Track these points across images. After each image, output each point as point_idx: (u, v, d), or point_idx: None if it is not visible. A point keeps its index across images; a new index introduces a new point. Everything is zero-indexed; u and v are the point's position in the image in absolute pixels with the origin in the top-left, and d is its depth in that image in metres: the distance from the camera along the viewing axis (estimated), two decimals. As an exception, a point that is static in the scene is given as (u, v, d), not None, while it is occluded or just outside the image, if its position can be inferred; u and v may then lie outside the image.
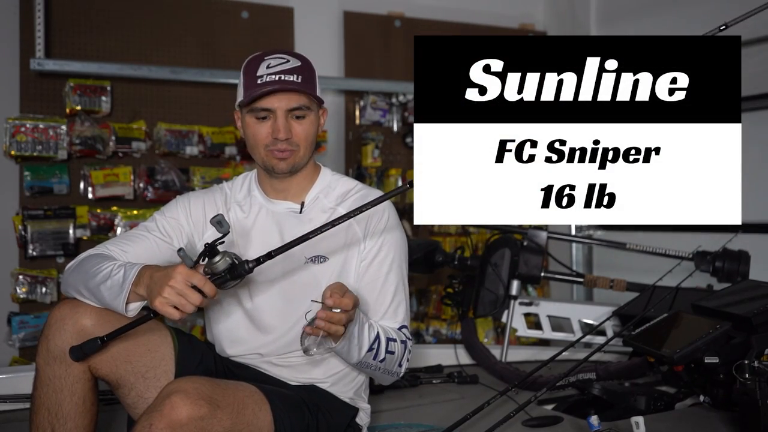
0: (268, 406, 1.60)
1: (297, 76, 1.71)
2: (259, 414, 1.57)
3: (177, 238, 1.79)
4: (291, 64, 1.72)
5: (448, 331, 3.90)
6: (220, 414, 1.47)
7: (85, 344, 1.52)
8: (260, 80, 1.69)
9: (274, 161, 1.74)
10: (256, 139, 1.74)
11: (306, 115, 1.74)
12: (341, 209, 1.79)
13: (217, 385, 1.53)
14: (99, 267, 1.61)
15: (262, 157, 1.75)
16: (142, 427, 1.41)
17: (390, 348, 1.71)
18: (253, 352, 1.80)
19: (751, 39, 3.31)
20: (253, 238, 1.79)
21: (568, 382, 2.46)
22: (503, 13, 4.30)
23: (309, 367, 1.80)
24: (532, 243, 2.87)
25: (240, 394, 1.56)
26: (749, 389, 1.84)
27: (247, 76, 1.73)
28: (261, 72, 1.70)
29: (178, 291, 1.46)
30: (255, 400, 1.58)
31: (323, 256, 1.77)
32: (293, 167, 1.76)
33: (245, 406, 1.55)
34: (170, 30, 3.46)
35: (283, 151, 1.72)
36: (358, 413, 1.84)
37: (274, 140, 1.71)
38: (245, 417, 1.53)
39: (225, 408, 1.49)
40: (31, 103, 3.20)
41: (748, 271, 2.75)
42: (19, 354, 3.14)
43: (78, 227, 3.21)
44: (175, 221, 1.80)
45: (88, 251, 1.72)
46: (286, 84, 1.69)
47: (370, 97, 3.79)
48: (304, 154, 1.76)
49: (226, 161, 3.52)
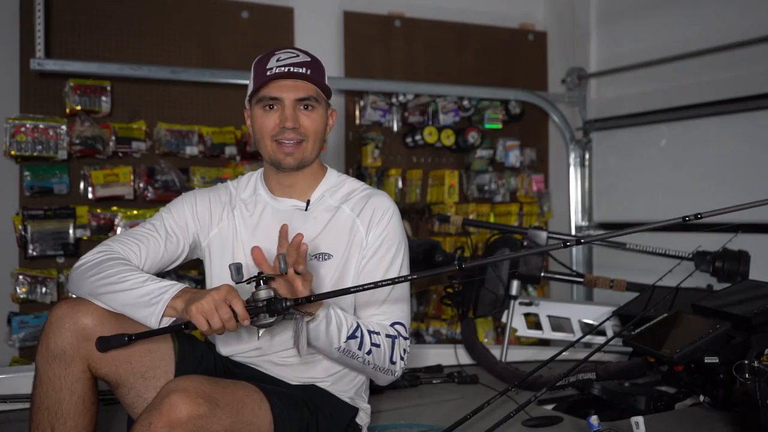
0: (267, 404, 1.60)
1: (306, 69, 1.72)
2: (259, 413, 1.58)
3: (183, 236, 1.79)
4: (301, 58, 1.74)
5: (448, 331, 3.90)
6: (219, 413, 1.47)
7: (112, 337, 1.54)
8: (269, 72, 1.71)
9: (280, 155, 1.74)
10: (263, 131, 1.74)
11: (314, 107, 1.75)
12: (345, 207, 1.80)
13: (216, 384, 1.53)
14: (122, 275, 1.61)
15: (269, 151, 1.75)
16: (142, 426, 1.41)
17: (374, 340, 1.69)
18: (254, 348, 1.79)
19: (751, 39, 3.31)
20: (258, 235, 1.79)
21: (568, 382, 2.46)
22: (503, 13, 4.30)
23: (309, 366, 1.80)
24: (532, 243, 2.87)
25: (239, 393, 1.56)
26: (749, 389, 1.84)
27: (256, 70, 1.75)
28: (270, 65, 1.72)
29: (216, 303, 1.48)
30: (254, 399, 1.58)
31: (327, 253, 1.78)
32: (301, 162, 1.76)
33: (244, 405, 1.55)
34: (170, 30, 3.46)
35: (291, 142, 1.72)
36: (358, 413, 1.84)
37: (281, 129, 1.72)
38: (244, 416, 1.53)
39: (224, 407, 1.49)
40: (31, 103, 3.20)
41: (748, 271, 2.75)
42: (19, 354, 3.14)
43: (78, 227, 3.20)
44: (182, 219, 1.81)
45: (99, 252, 1.70)
46: (295, 74, 1.70)
47: (370, 97, 3.79)
48: (312, 149, 1.77)
49: (226, 161, 3.52)
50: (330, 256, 1.78)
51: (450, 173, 3.98)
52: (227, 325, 1.50)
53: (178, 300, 1.56)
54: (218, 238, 1.82)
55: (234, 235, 1.81)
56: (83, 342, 1.57)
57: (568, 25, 4.32)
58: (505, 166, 4.16)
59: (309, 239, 1.76)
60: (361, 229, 1.79)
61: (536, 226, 3.15)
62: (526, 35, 4.35)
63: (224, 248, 1.81)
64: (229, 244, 1.81)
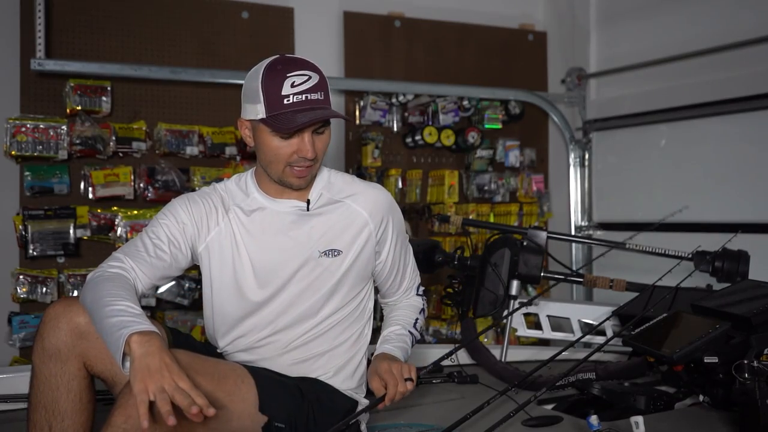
0: (252, 380, 1.64)
1: (321, 93, 1.69)
2: (242, 386, 1.62)
3: (184, 243, 1.78)
4: (313, 81, 1.69)
5: (448, 331, 3.90)
6: (199, 379, 1.50)
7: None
8: (287, 100, 1.66)
9: (293, 179, 1.75)
10: (278, 157, 1.72)
11: (325, 129, 1.75)
12: (348, 201, 1.83)
13: (197, 357, 1.59)
14: (109, 299, 1.53)
15: (279, 173, 1.74)
16: (123, 395, 1.45)
17: (416, 326, 2.07)
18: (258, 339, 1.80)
19: (751, 39, 3.31)
20: (259, 239, 1.79)
21: (568, 382, 2.46)
22: (503, 13, 4.30)
23: (309, 363, 1.81)
24: (531, 243, 2.87)
25: (222, 366, 1.63)
26: (748, 389, 1.84)
27: (269, 91, 1.67)
28: (286, 92, 1.66)
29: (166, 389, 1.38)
30: (237, 374, 1.64)
31: (337, 249, 1.79)
32: (309, 182, 1.79)
33: (226, 377, 1.60)
34: (170, 30, 3.47)
35: (305, 168, 1.73)
36: (357, 406, 1.86)
37: (298, 158, 1.71)
38: (226, 386, 1.58)
39: (204, 375, 1.54)
40: (31, 103, 3.20)
41: (748, 271, 2.75)
42: (19, 354, 3.15)
43: (78, 227, 3.21)
44: (183, 226, 1.78)
45: (109, 267, 1.67)
46: (314, 104, 1.67)
47: (370, 97, 3.79)
48: (319, 166, 1.80)
49: (226, 161, 3.52)
50: (339, 252, 1.80)
51: (450, 173, 3.98)
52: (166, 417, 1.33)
53: (134, 345, 1.43)
54: (215, 243, 1.79)
55: (233, 240, 1.79)
56: (78, 340, 1.57)
57: (567, 26, 4.32)
58: (505, 166, 4.17)
59: (317, 238, 1.79)
60: (366, 217, 1.83)
61: (536, 226, 3.15)
62: (526, 35, 4.35)
63: (223, 254, 1.79)
64: (227, 250, 1.79)
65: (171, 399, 1.34)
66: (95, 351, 1.58)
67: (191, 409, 1.33)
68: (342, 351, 1.85)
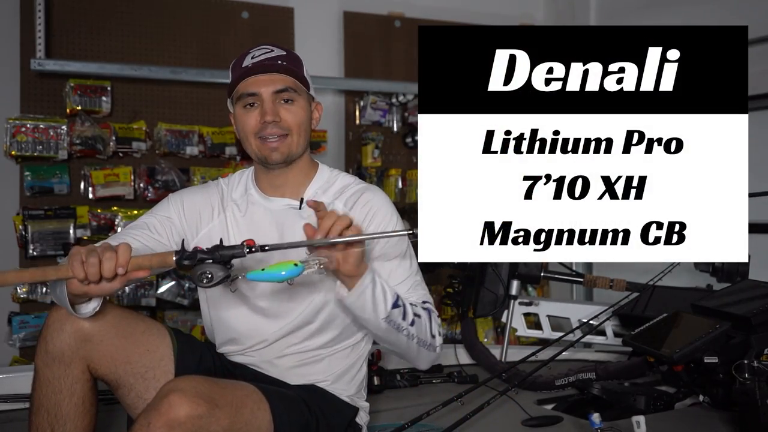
0: (267, 405, 1.59)
1: (282, 61, 1.72)
2: (258, 413, 1.56)
3: (168, 235, 1.76)
4: (275, 53, 1.74)
5: (448, 331, 3.89)
6: (218, 413, 1.45)
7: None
8: (244, 66, 1.73)
9: (266, 151, 1.72)
10: (246, 129, 1.73)
11: (294, 99, 1.72)
12: (338, 203, 1.78)
13: (215, 383, 1.52)
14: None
15: (254, 149, 1.74)
16: (140, 426, 1.41)
17: (414, 311, 1.65)
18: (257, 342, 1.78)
19: (751, 39, 3.30)
20: (251, 236, 1.78)
21: (568, 381, 2.46)
22: (503, 12, 4.30)
23: (308, 366, 1.80)
24: (531, 243, 2.86)
25: (239, 392, 1.55)
26: (748, 389, 1.84)
27: (233, 70, 1.77)
28: (246, 63, 1.73)
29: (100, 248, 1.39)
30: (254, 400, 1.57)
31: None
32: (287, 157, 1.73)
33: (244, 405, 1.53)
34: (170, 30, 3.47)
35: (274, 137, 1.70)
36: (358, 412, 1.85)
37: (263, 125, 1.69)
38: (244, 416, 1.52)
39: (223, 407, 1.47)
40: (31, 103, 3.20)
41: (748, 271, 2.74)
42: (19, 354, 3.15)
43: (78, 227, 3.21)
44: (167, 219, 1.77)
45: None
46: (270, 66, 1.70)
47: (370, 97, 3.79)
48: (297, 143, 1.74)
49: (226, 161, 3.52)
50: None
51: (450, 173, 3.97)
52: (104, 268, 1.36)
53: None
54: (207, 238, 1.78)
55: (226, 236, 1.78)
56: (82, 343, 1.56)
57: (568, 24, 4.32)
58: (505, 166, 4.16)
59: (305, 239, 1.75)
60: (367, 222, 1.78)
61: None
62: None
63: None
64: None
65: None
66: (99, 354, 1.58)
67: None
68: (342, 356, 1.83)
